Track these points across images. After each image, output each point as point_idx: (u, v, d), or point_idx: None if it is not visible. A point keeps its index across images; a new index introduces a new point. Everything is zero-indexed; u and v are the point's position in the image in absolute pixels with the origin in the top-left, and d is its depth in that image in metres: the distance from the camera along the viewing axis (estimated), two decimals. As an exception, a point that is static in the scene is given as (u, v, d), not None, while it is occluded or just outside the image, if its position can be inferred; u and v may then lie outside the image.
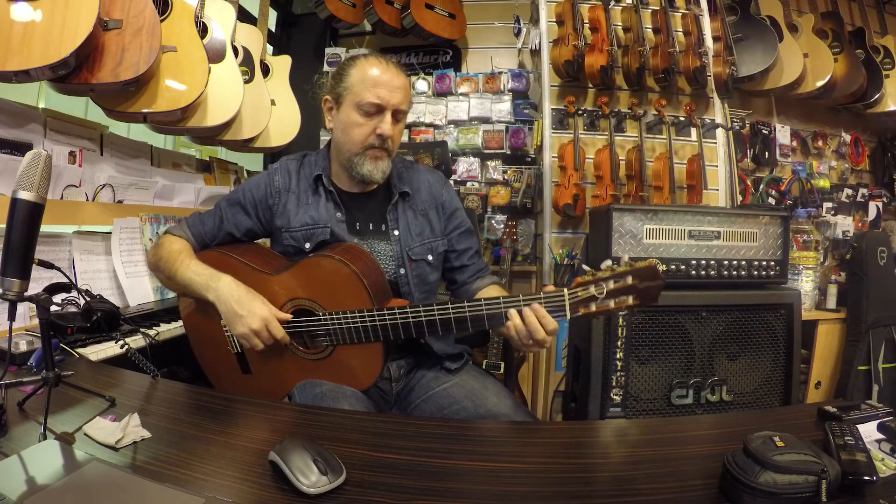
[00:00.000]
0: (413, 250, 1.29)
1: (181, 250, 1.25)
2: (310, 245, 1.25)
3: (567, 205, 2.42)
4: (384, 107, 1.21)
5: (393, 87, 1.22)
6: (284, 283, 1.19)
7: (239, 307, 1.12)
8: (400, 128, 1.27)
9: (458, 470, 0.79)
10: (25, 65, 1.24)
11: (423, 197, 1.34)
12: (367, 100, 1.20)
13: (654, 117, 2.55)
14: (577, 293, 1.02)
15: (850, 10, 2.99)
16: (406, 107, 1.26)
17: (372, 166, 1.23)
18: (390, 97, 1.21)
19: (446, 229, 1.35)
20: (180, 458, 0.75)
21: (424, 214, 1.33)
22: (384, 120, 1.21)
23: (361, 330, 1.12)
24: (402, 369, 1.30)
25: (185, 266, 1.21)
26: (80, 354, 1.15)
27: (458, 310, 1.08)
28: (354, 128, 1.22)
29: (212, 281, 1.17)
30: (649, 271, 1.00)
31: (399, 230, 1.29)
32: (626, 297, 1.01)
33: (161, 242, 1.29)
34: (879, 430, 0.84)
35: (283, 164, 1.33)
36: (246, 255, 1.25)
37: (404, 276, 1.27)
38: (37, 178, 0.81)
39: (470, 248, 1.38)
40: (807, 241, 2.49)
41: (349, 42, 3.14)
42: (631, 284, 1.00)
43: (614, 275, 1.01)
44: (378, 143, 1.22)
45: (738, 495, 0.66)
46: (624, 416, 1.82)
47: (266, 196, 1.29)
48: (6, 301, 0.81)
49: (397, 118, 1.24)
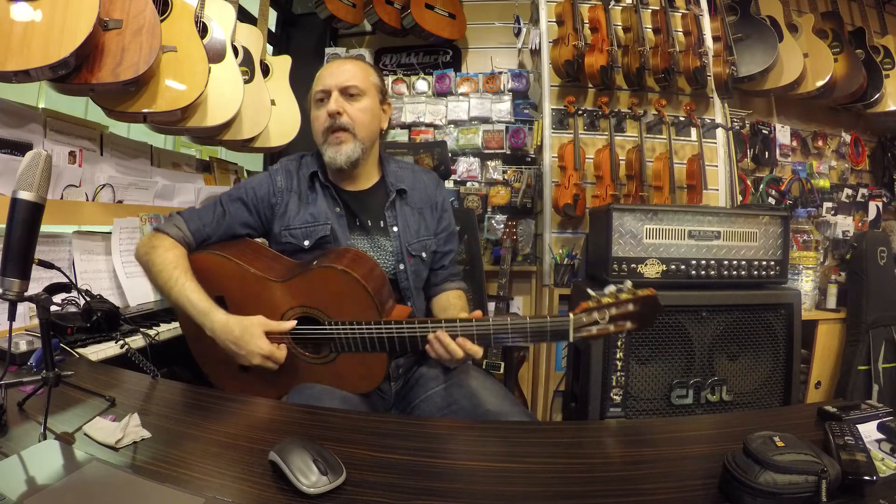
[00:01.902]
0: (412, 246, 1.31)
1: (176, 263, 1.17)
2: (309, 242, 1.26)
3: (567, 205, 2.42)
4: (329, 89, 1.26)
5: (334, 71, 1.28)
6: (289, 290, 1.17)
7: (237, 347, 1.11)
8: (360, 106, 1.27)
9: (458, 470, 0.79)
10: (25, 65, 1.24)
11: (420, 195, 1.37)
12: (316, 90, 1.28)
13: (654, 117, 2.55)
14: (581, 318, 1.06)
15: (850, 10, 2.99)
16: (356, 82, 1.26)
17: (333, 151, 1.25)
18: (332, 79, 1.26)
19: (437, 228, 1.38)
20: (180, 458, 0.75)
21: (420, 212, 1.35)
22: (330, 98, 1.25)
23: (368, 342, 1.12)
24: (401, 368, 1.30)
25: (178, 287, 1.15)
26: (80, 354, 1.15)
27: (466, 328, 1.10)
28: (314, 122, 1.30)
29: (206, 319, 1.13)
30: (650, 300, 1.06)
31: (398, 226, 1.31)
32: (625, 321, 1.06)
33: (154, 244, 1.21)
34: (879, 430, 0.84)
35: (283, 165, 1.34)
36: (246, 258, 1.21)
37: (403, 271, 1.30)
38: (37, 178, 0.81)
39: (451, 251, 1.42)
40: (807, 241, 2.49)
41: (349, 42, 3.14)
42: (632, 311, 1.05)
43: (617, 302, 1.05)
44: (329, 123, 1.24)
45: (738, 495, 0.66)
46: (624, 416, 1.81)
47: (269, 195, 1.29)
48: (6, 301, 0.81)
49: (350, 95, 1.26)
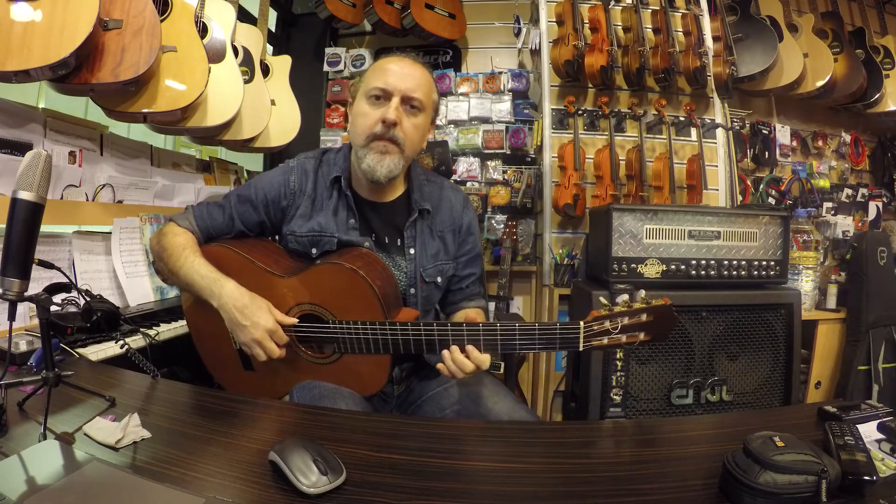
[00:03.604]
0: (427, 271, 1.25)
1: (185, 245, 1.18)
2: (316, 251, 1.22)
3: (567, 205, 2.42)
4: (391, 91, 1.14)
5: (403, 73, 1.15)
6: (294, 287, 1.15)
7: (242, 317, 1.08)
8: (416, 122, 1.17)
9: (458, 470, 0.79)
10: (25, 65, 1.24)
11: (444, 217, 1.28)
12: (374, 84, 1.15)
13: (654, 117, 2.54)
14: (592, 327, 1.00)
15: (850, 10, 2.99)
16: (420, 95, 1.16)
17: (375, 160, 1.14)
18: (398, 82, 1.14)
19: (458, 251, 1.31)
20: (180, 458, 0.75)
21: (441, 237, 1.28)
22: (390, 105, 1.14)
23: (372, 343, 1.09)
24: (405, 372, 1.29)
25: (188, 264, 1.15)
26: (80, 354, 1.15)
27: (472, 333, 1.04)
28: (360, 118, 1.17)
29: (215, 286, 1.12)
30: (665, 310, 1.00)
31: (415, 249, 1.24)
32: (638, 332, 1.01)
33: (165, 231, 1.22)
34: (879, 430, 0.84)
35: (300, 164, 1.26)
36: (254, 253, 1.20)
37: (413, 295, 1.25)
38: (37, 178, 0.81)
39: (473, 275, 1.35)
40: (807, 241, 2.49)
41: (349, 42, 3.14)
42: (645, 322, 1.00)
43: (630, 311, 1.00)
44: (382, 130, 1.13)
45: (738, 495, 0.66)
46: (624, 416, 1.81)
47: (280, 197, 1.24)
48: (6, 301, 0.81)
49: (411, 106, 1.16)
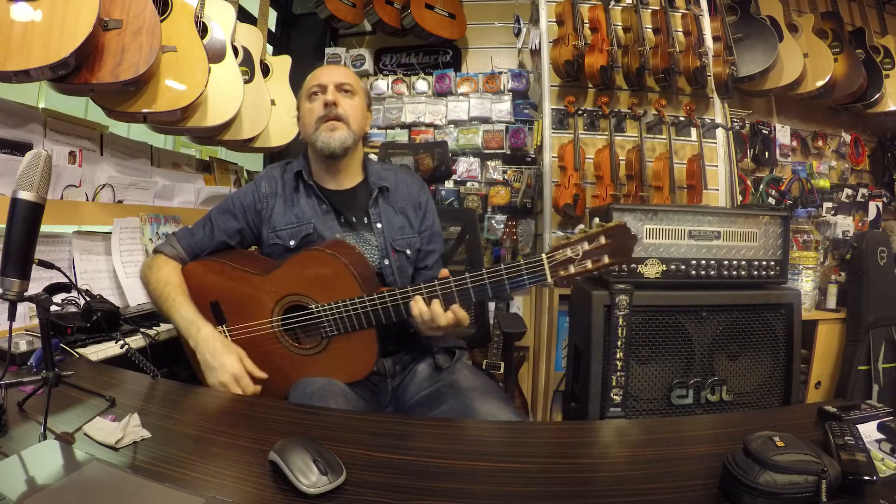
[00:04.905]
0: (396, 242, 1.34)
1: (168, 280, 1.27)
2: (294, 243, 1.30)
3: (567, 205, 2.42)
4: (325, 84, 1.33)
5: (331, 70, 1.38)
6: (276, 281, 1.21)
7: (212, 359, 1.15)
8: (352, 102, 1.34)
9: (458, 470, 0.78)
10: (25, 65, 1.24)
11: (402, 195, 1.40)
12: (310, 85, 1.35)
13: (654, 117, 2.55)
14: (554, 256, 1.08)
15: (850, 10, 2.99)
16: (350, 80, 1.35)
17: (327, 136, 1.29)
18: (328, 76, 1.34)
19: (421, 226, 1.41)
20: (180, 458, 0.75)
21: (403, 212, 1.38)
22: (328, 91, 1.31)
23: (355, 318, 1.15)
24: (398, 365, 1.32)
25: (169, 301, 1.24)
26: (80, 354, 1.15)
27: (444, 286, 1.11)
28: (307, 113, 1.34)
29: (192, 328, 1.19)
30: (620, 229, 1.07)
31: (382, 223, 1.34)
32: (601, 256, 1.07)
33: (150, 264, 1.32)
34: (879, 430, 0.83)
35: (267, 172, 1.40)
36: (233, 259, 1.29)
37: (388, 266, 1.32)
38: (37, 178, 0.81)
39: (435, 251, 1.44)
40: (807, 241, 2.49)
41: (349, 42, 3.13)
42: (604, 244, 1.06)
43: (587, 236, 1.07)
44: (326, 111, 1.30)
45: (738, 495, 0.66)
46: (624, 416, 1.81)
47: (254, 202, 1.34)
48: (6, 301, 0.81)
49: (344, 91, 1.33)
